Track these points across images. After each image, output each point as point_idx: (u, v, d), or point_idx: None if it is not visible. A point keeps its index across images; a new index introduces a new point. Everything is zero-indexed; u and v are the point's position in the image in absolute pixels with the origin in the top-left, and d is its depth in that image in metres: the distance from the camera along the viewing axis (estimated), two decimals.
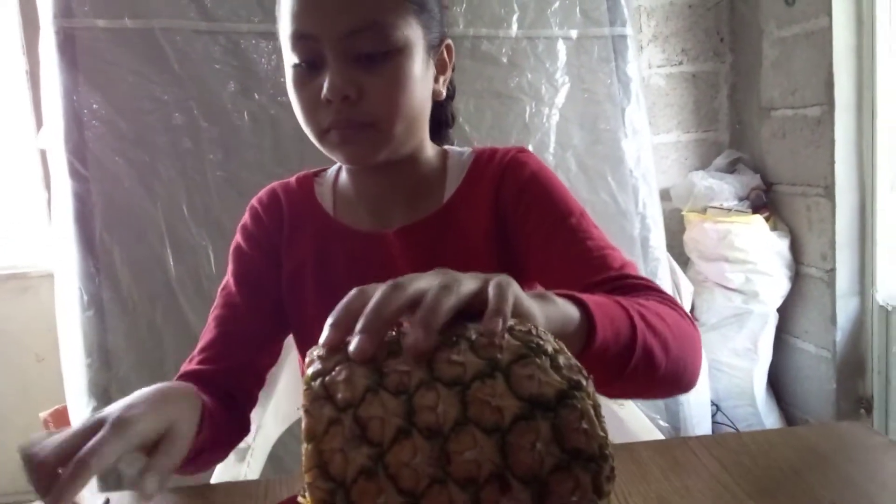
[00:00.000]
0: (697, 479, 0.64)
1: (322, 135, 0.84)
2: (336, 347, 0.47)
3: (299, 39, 0.81)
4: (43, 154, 1.95)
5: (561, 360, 0.46)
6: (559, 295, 0.60)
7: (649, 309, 0.69)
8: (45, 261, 2.17)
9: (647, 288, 0.77)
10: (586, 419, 0.43)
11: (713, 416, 2.28)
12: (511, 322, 0.48)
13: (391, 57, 0.81)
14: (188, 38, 1.73)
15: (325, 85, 0.79)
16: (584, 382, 0.45)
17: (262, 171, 1.75)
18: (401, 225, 0.91)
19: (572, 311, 0.59)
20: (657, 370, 0.67)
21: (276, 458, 1.24)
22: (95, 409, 1.62)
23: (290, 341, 1.00)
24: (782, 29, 2.26)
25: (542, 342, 0.47)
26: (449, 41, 0.92)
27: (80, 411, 1.65)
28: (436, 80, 0.90)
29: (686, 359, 0.71)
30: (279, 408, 1.14)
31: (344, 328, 0.47)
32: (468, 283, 0.50)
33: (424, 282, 0.49)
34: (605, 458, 0.44)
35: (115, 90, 1.70)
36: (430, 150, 0.95)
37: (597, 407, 0.45)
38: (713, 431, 2.26)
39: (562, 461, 0.43)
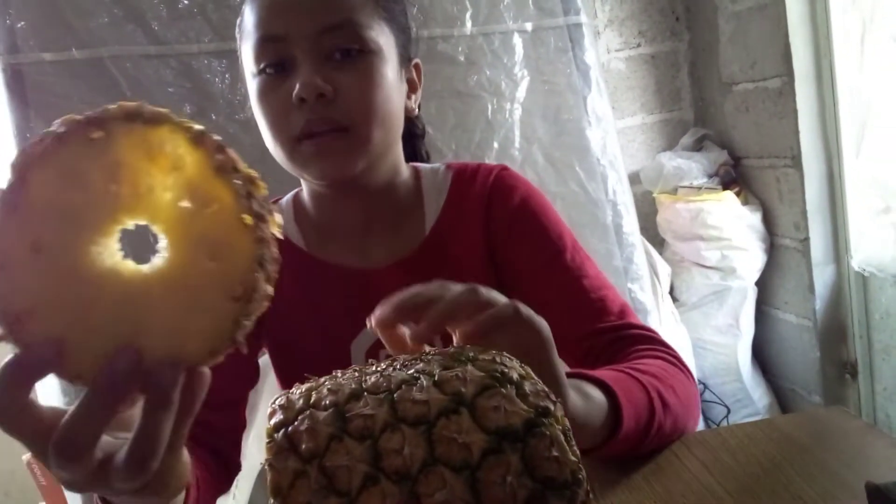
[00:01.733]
0: (679, 481, 0.64)
1: (293, 146, 0.78)
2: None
3: (267, 42, 0.78)
4: None
5: (527, 386, 0.45)
6: (584, 377, 0.62)
7: (664, 382, 0.69)
8: None
9: (649, 339, 0.77)
10: (556, 446, 0.43)
11: (701, 394, 2.29)
12: (473, 351, 0.48)
13: (364, 56, 0.79)
14: (138, 64, 1.70)
15: (298, 85, 0.75)
16: (551, 408, 0.45)
17: None
18: (385, 255, 0.87)
19: (603, 405, 0.61)
20: (661, 442, 0.69)
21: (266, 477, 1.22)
22: None
23: (268, 361, 0.95)
24: (736, 3, 2.27)
25: (506, 369, 0.46)
26: (418, 61, 0.91)
27: None
28: (408, 97, 0.88)
29: (687, 425, 0.72)
30: (261, 432, 1.12)
31: (402, 315, 0.54)
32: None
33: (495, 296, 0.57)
34: (578, 483, 0.43)
35: None
36: (405, 172, 0.92)
37: (567, 431, 0.45)
38: (702, 410, 2.27)
39: (535, 492, 0.42)
